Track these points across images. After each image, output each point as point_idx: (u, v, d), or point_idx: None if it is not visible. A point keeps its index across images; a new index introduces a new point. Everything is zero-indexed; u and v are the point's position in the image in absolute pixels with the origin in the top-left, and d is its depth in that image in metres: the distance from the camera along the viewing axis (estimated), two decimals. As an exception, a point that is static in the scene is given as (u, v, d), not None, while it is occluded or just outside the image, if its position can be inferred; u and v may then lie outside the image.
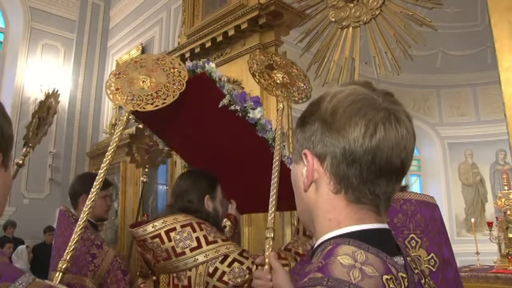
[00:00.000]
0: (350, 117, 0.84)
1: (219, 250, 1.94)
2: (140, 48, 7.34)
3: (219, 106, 2.13)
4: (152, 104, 1.94)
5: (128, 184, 6.43)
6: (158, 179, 6.30)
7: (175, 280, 1.97)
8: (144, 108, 1.93)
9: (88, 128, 8.82)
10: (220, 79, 2.15)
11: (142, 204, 4.87)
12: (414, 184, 9.84)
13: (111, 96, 2.00)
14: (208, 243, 1.94)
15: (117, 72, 2.08)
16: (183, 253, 1.93)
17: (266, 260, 1.60)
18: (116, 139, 1.89)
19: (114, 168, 6.59)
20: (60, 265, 1.60)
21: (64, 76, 8.73)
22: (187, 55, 4.66)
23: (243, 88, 3.98)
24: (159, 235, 1.97)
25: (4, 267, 0.81)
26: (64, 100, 8.57)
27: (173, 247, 1.95)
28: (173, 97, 1.96)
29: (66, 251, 1.66)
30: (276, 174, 1.86)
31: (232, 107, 2.13)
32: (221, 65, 4.34)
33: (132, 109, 1.94)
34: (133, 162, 4.21)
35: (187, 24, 5.00)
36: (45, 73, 8.57)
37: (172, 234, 1.96)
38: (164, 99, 1.95)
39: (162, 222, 2.00)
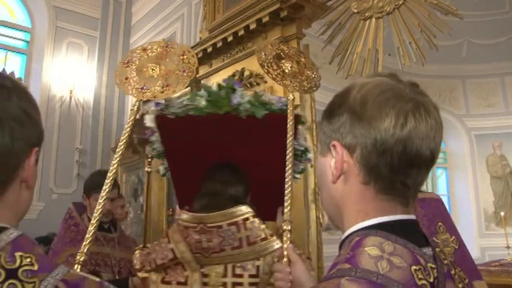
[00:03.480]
0: (381, 107, 0.84)
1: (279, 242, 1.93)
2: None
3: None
4: (162, 92, 1.90)
5: (153, 179, 6.49)
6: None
7: (239, 270, 1.95)
8: (154, 97, 1.90)
9: (113, 124, 8.93)
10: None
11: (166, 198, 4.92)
12: (440, 177, 9.68)
13: (120, 85, 1.97)
14: (271, 235, 1.94)
15: (126, 61, 2.02)
16: (255, 242, 1.93)
17: (285, 253, 1.60)
18: (128, 129, 1.86)
19: (139, 162, 6.65)
20: (78, 257, 1.58)
21: (89, 73, 8.85)
22: (209, 50, 4.66)
23: (266, 82, 3.97)
24: (236, 223, 1.93)
25: (41, 259, 0.83)
26: (89, 97, 8.69)
27: (247, 236, 1.93)
28: (183, 85, 1.92)
29: (84, 243, 1.63)
30: (290, 165, 1.84)
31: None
32: (243, 59, 4.33)
33: (142, 98, 1.90)
34: (135, 152, 4.24)
35: (208, 19, 5.00)
36: (70, 71, 8.69)
37: (247, 223, 1.93)
38: (175, 87, 1.91)
39: (240, 211, 1.96)
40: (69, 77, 8.67)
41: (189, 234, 1.94)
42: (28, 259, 0.80)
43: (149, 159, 4.14)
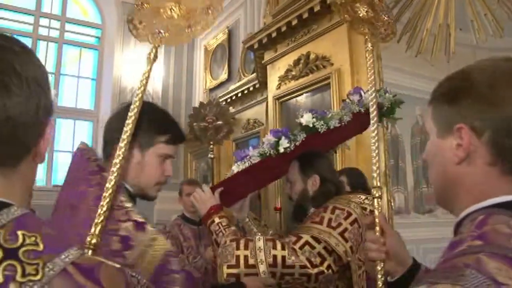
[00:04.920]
0: (510, 89, 0.87)
1: None
2: (227, 32, 7.46)
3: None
4: (182, 35, 1.64)
5: (222, 165, 6.61)
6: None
7: None
8: (173, 42, 1.71)
9: (181, 112, 9.17)
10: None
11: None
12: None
13: (134, 32, 1.69)
14: None
15: (140, 3, 1.68)
16: None
17: (376, 221, 1.49)
18: (144, 81, 1.65)
19: (208, 150, 6.82)
20: (89, 239, 1.27)
21: (157, 65, 9.11)
22: (274, 34, 4.66)
23: (332, 64, 3.93)
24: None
25: (49, 238, 0.74)
26: (157, 87, 8.97)
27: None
28: (209, 24, 1.65)
29: (95, 221, 1.31)
30: (375, 133, 1.74)
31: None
32: (308, 43, 4.30)
33: (159, 43, 1.64)
34: (196, 139, 4.36)
35: (271, 4, 4.99)
36: (139, 63, 9.01)
37: None
38: (199, 28, 1.64)
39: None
40: (138, 69, 8.99)
41: None
42: (33, 238, 0.72)
43: (211, 146, 4.25)
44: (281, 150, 2.28)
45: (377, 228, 1.47)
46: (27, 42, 9.00)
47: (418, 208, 5.17)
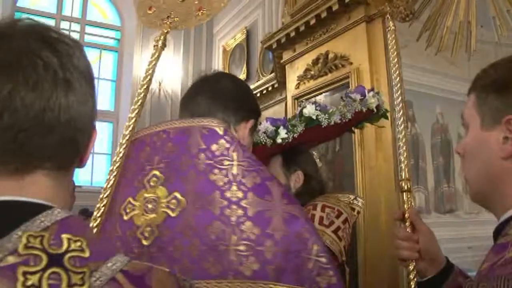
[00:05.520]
0: None
1: None
2: (245, 32, 7.48)
3: None
4: (195, 17, 1.55)
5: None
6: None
7: None
8: (183, 26, 1.59)
9: (200, 114, 9.23)
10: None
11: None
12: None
13: (143, 19, 1.60)
14: None
15: None
16: None
17: (406, 216, 1.35)
18: (151, 71, 1.58)
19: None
20: None
21: (175, 65, 9.19)
22: (292, 34, 4.66)
23: (351, 63, 3.92)
24: None
25: (94, 243, 0.67)
26: (176, 88, 9.04)
27: None
28: (222, 3, 1.54)
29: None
30: (402, 126, 1.58)
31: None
32: (327, 42, 4.29)
33: (168, 29, 1.56)
34: None
35: (289, 3, 4.99)
36: (158, 64, 9.08)
37: None
38: (210, 9, 1.54)
39: None
40: (157, 70, 9.06)
41: None
42: (78, 243, 0.64)
43: None
44: (279, 140, 2.15)
45: (407, 224, 1.34)
46: (49, 44, 9.18)
47: (439, 207, 5.11)
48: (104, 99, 9.44)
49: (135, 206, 1.12)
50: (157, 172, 1.16)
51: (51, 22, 9.28)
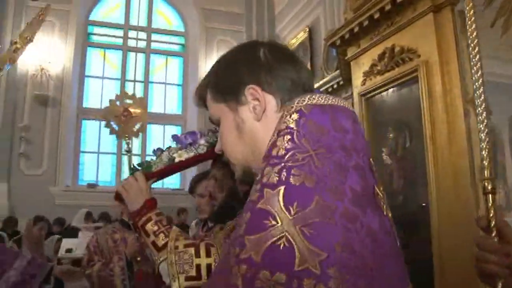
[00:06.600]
0: None
1: None
2: (307, 31, 7.44)
3: None
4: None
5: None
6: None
7: None
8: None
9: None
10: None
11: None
12: None
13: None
14: None
15: None
16: None
17: (492, 224, 1.12)
18: None
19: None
20: None
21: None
22: (356, 29, 4.56)
23: (419, 56, 3.77)
24: None
25: None
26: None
27: None
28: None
29: None
30: (484, 115, 1.31)
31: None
32: (392, 35, 4.16)
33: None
34: (113, 133, 4.38)
35: (351, -2, 4.90)
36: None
37: None
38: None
39: None
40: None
41: None
42: None
43: (127, 139, 4.29)
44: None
45: (493, 235, 1.11)
46: (119, 54, 9.59)
47: (520, 205, 4.83)
48: (171, 103, 9.72)
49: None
50: None
51: (119, 33, 9.68)
